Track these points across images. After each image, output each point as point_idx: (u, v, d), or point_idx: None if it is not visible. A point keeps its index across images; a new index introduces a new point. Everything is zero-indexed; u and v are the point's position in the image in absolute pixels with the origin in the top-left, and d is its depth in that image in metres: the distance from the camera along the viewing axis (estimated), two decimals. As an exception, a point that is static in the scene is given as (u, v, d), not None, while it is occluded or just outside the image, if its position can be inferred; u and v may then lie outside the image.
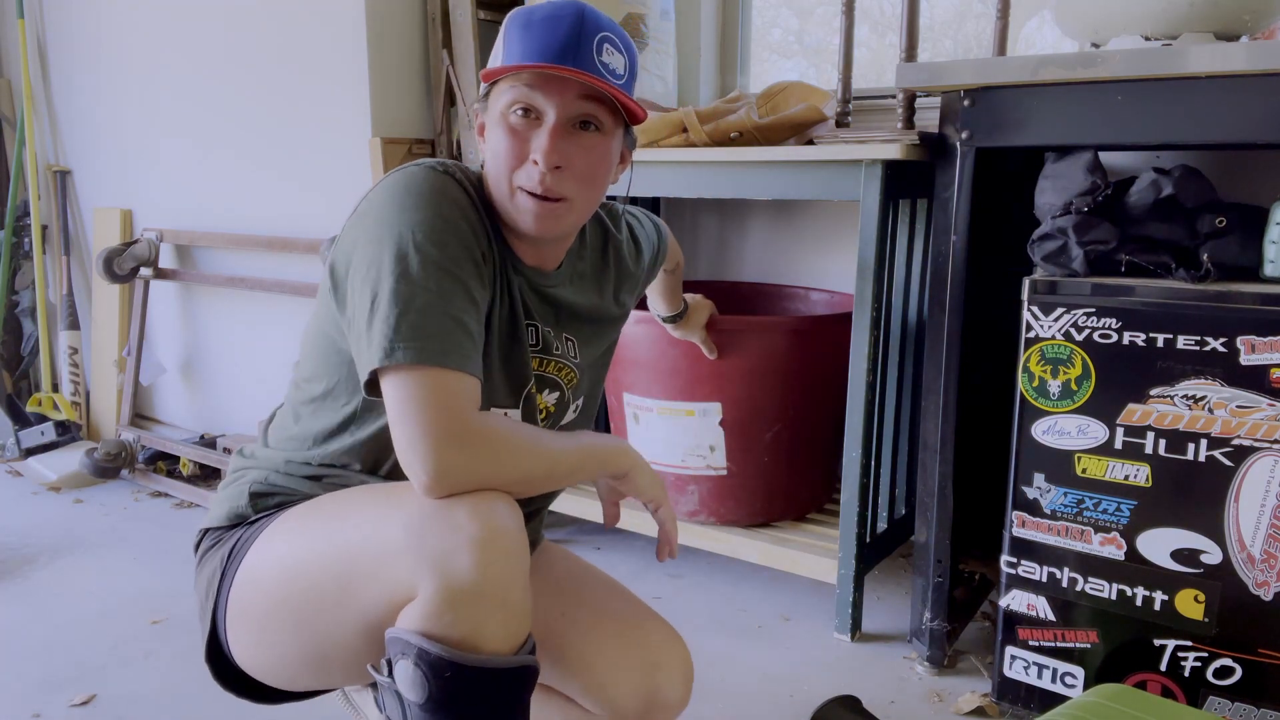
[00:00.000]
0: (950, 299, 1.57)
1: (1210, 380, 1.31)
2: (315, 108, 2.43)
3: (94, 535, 2.32)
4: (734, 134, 1.79)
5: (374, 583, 0.90)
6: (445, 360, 0.89)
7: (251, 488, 1.08)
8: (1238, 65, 1.26)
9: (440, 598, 0.84)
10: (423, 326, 0.89)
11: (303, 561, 0.97)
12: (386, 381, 0.90)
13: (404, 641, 0.86)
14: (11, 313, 3.15)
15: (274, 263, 2.64)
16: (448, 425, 0.87)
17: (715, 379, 1.88)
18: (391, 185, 0.97)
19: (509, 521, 0.88)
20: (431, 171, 0.98)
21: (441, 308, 0.91)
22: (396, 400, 0.89)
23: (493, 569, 0.85)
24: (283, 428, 1.10)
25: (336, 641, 0.96)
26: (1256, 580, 1.32)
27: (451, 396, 0.88)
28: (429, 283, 0.91)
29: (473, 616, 0.85)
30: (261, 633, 1.01)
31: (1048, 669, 1.49)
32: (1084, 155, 1.44)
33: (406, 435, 0.88)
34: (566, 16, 0.96)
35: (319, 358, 1.05)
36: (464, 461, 0.88)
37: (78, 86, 3.04)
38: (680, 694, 1.13)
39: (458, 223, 0.95)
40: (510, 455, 0.91)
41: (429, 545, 0.86)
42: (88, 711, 1.56)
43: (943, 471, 1.62)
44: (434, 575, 0.85)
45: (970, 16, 2.25)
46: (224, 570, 1.05)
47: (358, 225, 0.97)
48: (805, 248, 2.34)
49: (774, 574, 2.08)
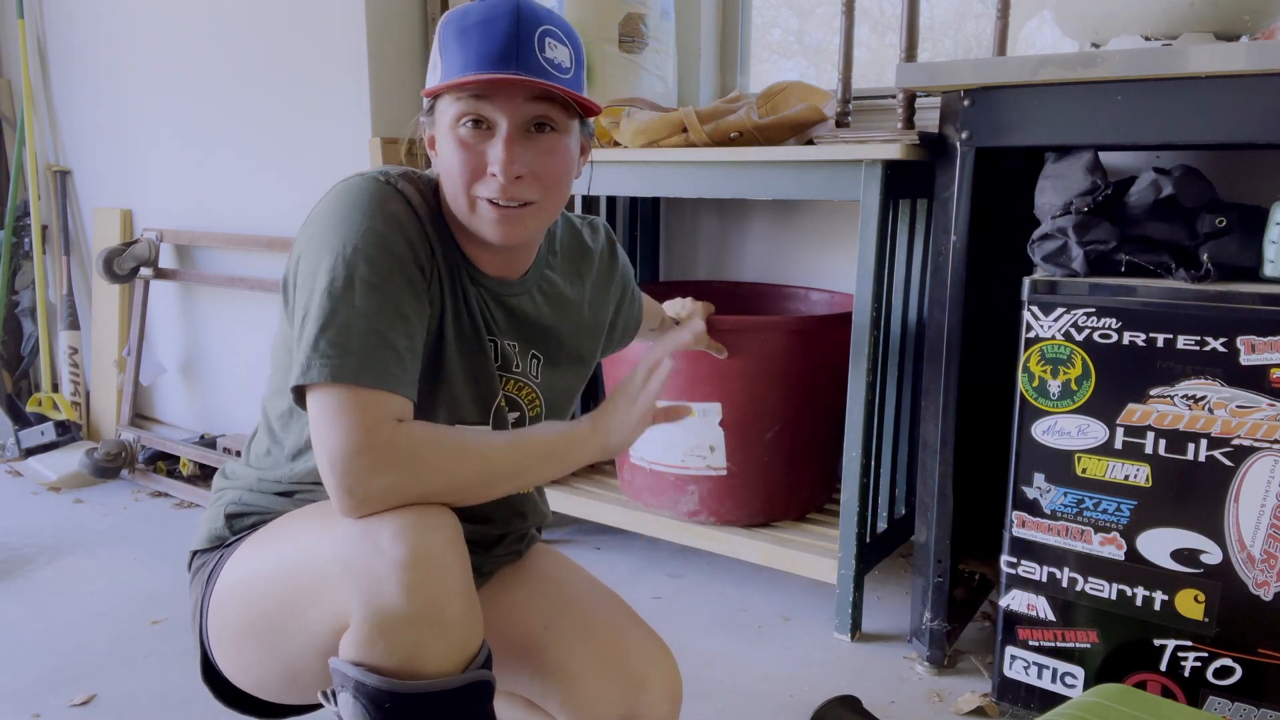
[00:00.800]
0: (950, 299, 1.57)
1: (1210, 380, 1.31)
2: (315, 107, 2.43)
3: (94, 535, 2.33)
4: (734, 134, 1.79)
5: (315, 609, 0.89)
6: (360, 378, 0.86)
7: (227, 509, 1.06)
8: (1238, 65, 1.26)
9: (370, 625, 0.82)
10: (342, 344, 0.87)
11: (257, 586, 0.96)
12: (309, 399, 0.88)
13: (341, 673, 0.84)
14: (11, 313, 3.15)
15: (274, 263, 2.64)
16: (356, 441, 0.85)
17: (715, 379, 1.88)
18: (330, 199, 0.95)
19: (437, 535, 0.85)
20: (372, 182, 0.95)
21: (364, 325, 0.88)
22: (312, 418, 0.87)
23: (422, 590, 0.82)
24: (258, 445, 1.09)
25: (300, 663, 0.95)
26: (1256, 580, 1.32)
27: (363, 413, 0.86)
28: (354, 299, 0.89)
29: (407, 641, 0.82)
30: (239, 653, 1.01)
31: (1048, 669, 1.49)
32: (1084, 155, 1.44)
33: (321, 455, 0.86)
34: (502, 16, 0.92)
35: (283, 372, 1.02)
36: (375, 478, 0.85)
37: (78, 86, 3.04)
38: (664, 712, 1.08)
39: (391, 236, 0.92)
40: (430, 467, 0.88)
41: (354, 571, 0.84)
42: (88, 711, 1.56)
43: (943, 471, 1.62)
44: (362, 603, 0.83)
45: (970, 16, 2.25)
46: (204, 594, 1.04)
47: (301, 237, 0.96)
48: (805, 248, 2.34)
49: (774, 574, 2.08)
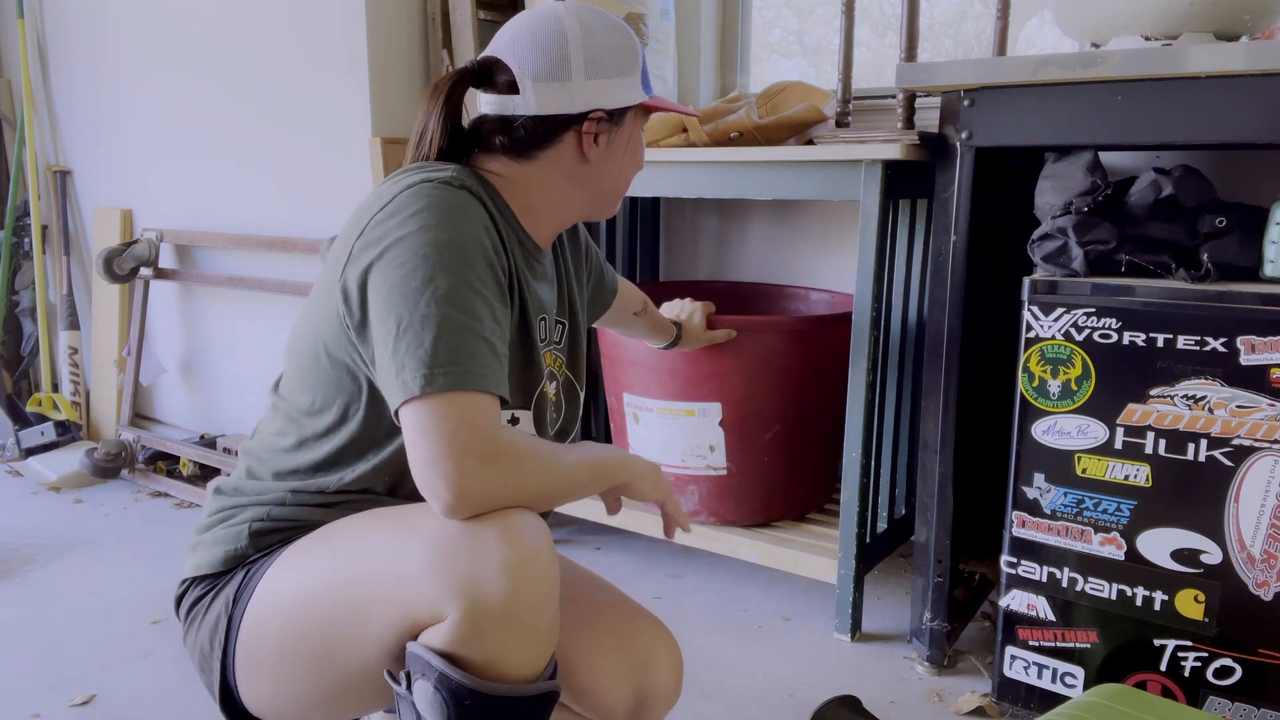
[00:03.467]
0: (950, 299, 1.57)
1: (1210, 380, 1.31)
2: (315, 107, 2.43)
3: (94, 535, 2.33)
4: (734, 134, 1.79)
5: (394, 609, 0.88)
6: (480, 384, 0.88)
7: (252, 527, 1.02)
8: (1238, 65, 1.26)
9: (469, 622, 0.83)
10: (457, 350, 0.88)
11: (316, 594, 0.94)
12: (416, 406, 0.87)
13: (425, 661, 0.84)
14: (11, 313, 3.15)
15: (274, 263, 2.64)
16: (476, 444, 0.86)
17: (715, 379, 1.88)
18: (409, 204, 0.94)
19: (540, 543, 0.87)
20: (449, 188, 0.96)
21: (473, 330, 0.89)
22: (422, 422, 0.86)
23: (525, 593, 0.84)
24: (280, 457, 1.04)
25: (355, 671, 0.94)
26: (1256, 580, 1.32)
27: (480, 416, 0.87)
28: (459, 305, 0.89)
29: (500, 642, 0.83)
30: (275, 672, 0.98)
31: (1048, 669, 1.49)
32: (1084, 155, 1.44)
33: (429, 455, 0.85)
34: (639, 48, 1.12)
35: (320, 380, 1.00)
36: (491, 478, 0.86)
37: (78, 86, 3.04)
38: (670, 688, 1.12)
39: (481, 240, 0.94)
40: (530, 474, 0.90)
41: (458, 569, 0.84)
42: (88, 711, 1.56)
43: (943, 471, 1.62)
44: (463, 599, 0.83)
45: (970, 16, 2.25)
46: (230, 615, 1.00)
47: (374, 244, 0.93)
48: (805, 248, 2.34)
49: (774, 574, 2.08)
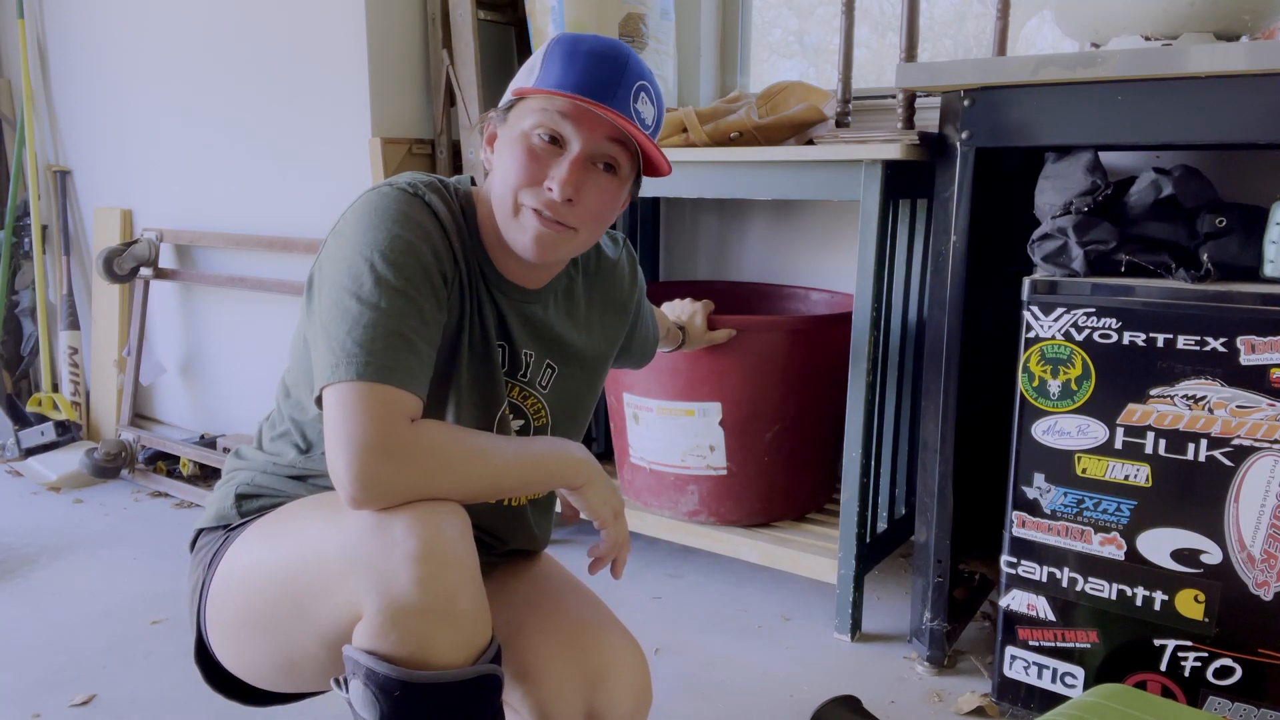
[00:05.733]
0: (950, 299, 1.57)
1: (1210, 380, 1.31)
2: (315, 107, 2.43)
3: (94, 535, 2.32)
4: (734, 134, 1.79)
5: (324, 601, 0.90)
6: (384, 376, 0.89)
7: (238, 489, 1.08)
8: (1238, 65, 1.26)
9: (383, 616, 0.84)
10: (367, 343, 0.89)
11: (262, 575, 0.98)
12: (327, 394, 0.90)
13: (354, 660, 0.86)
14: (11, 313, 3.15)
15: (274, 263, 2.64)
16: (374, 436, 0.87)
17: (715, 379, 1.88)
18: (361, 206, 0.98)
19: (450, 530, 0.87)
20: (400, 193, 0.98)
21: (388, 325, 0.91)
22: (330, 412, 0.89)
23: (434, 583, 0.84)
24: (272, 429, 1.12)
25: (302, 653, 0.97)
26: (1256, 580, 1.32)
27: (383, 408, 0.88)
28: (379, 301, 0.91)
29: (418, 633, 0.84)
30: (237, 639, 1.02)
31: (1048, 669, 1.49)
32: (1084, 155, 1.44)
33: (333, 446, 0.88)
34: (614, 57, 0.97)
35: (301, 365, 1.06)
36: (390, 473, 0.87)
37: (78, 86, 3.04)
38: (627, 710, 1.04)
39: (418, 245, 0.95)
40: (444, 467, 0.90)
41: (367, 564, 0.86)
42: (88, 711, 1.56)
43: (943, 471, 1.62)
44: (374, 594, 0.85)
45: (970, 16, 2.25)
46: (205, 576, 1.05)
47: (330, 242, 0.99)
48: (805, 248, 2.34)
49: (774, 574, 2.08)
